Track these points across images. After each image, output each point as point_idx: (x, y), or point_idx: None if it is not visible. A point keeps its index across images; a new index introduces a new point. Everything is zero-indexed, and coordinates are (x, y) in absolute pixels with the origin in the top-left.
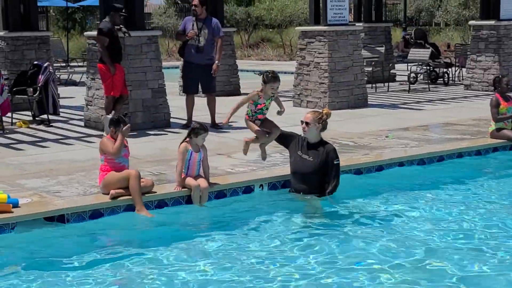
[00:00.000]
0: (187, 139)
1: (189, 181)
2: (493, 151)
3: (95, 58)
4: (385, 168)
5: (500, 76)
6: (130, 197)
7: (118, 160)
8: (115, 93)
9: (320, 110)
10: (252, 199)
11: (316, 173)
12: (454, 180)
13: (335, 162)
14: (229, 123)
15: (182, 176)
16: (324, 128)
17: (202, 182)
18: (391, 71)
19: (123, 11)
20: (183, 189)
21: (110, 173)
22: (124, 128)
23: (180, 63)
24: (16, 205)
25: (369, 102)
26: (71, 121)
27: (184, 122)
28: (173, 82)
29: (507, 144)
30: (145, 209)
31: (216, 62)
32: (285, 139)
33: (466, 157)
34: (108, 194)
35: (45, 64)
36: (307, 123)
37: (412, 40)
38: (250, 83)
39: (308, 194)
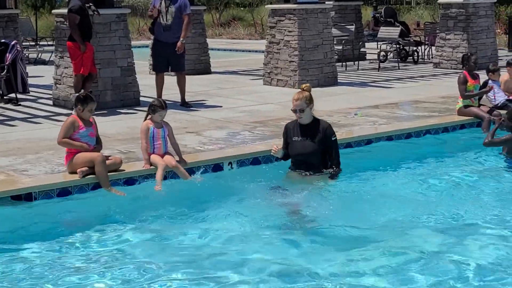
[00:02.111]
0: (148, 116)
1: (155, 158)
2: (460, 128)
3: (64, 36)
4: (353, 145)
5: (468, 54)
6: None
7: (84, 140)
8: (84, 71)
9: (300, 89)
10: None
11: (316, 152)
12: (421, 157)
13: (332, 139)
14: (200, 102)
15: (148, 154)
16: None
17: (169, 161)
18: (361, 50)
19: None
20: (151, 167)
21: (75, 156)
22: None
23: (150, 41)
24: None
25: (339, 80)
26: (39, 100)
27: None
28: (144, 61)
29: (474, 121)
30: (113, 188)
31: (181, 39)
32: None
33: (434, 134)
34: (74, 173)
35: (13, 42)
36: (301, 111)
37: (382, 19)
38: (220, 62)
39: (309, 175)
